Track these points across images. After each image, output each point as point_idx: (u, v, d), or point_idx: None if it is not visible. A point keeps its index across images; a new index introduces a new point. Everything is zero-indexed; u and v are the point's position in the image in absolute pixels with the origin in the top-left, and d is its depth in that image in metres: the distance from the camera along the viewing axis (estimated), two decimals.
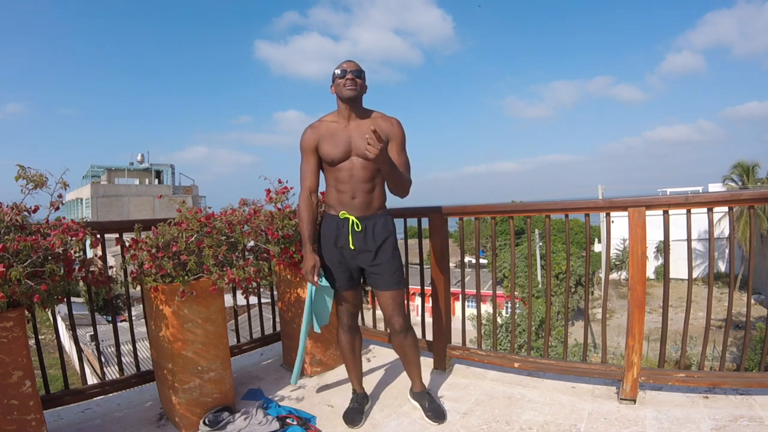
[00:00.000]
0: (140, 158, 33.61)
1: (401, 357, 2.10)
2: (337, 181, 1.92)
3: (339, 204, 1.93)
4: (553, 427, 1.89)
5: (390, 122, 1.93)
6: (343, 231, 1.92)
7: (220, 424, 1.95)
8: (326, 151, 1.89)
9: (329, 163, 1.91)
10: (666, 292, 2.15)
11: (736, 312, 13.57)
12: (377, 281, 1.97)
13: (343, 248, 1.93)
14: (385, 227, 1.95)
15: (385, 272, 1.94)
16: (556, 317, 15.25)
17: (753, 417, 1.82)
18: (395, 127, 1.92)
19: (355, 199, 1.90)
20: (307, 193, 1.96)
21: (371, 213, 1.93)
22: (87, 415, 2.13)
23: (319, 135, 1.92)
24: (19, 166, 1.69)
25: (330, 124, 1.93)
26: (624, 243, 25.65)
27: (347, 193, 1.90)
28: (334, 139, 1.89)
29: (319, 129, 1.93)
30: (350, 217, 1.90)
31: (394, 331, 2.02)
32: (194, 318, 1.98)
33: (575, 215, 2.28)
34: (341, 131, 1.90)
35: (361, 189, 1.89)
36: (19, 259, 1.55)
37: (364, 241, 1.91)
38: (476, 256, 2.64)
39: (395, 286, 1.96)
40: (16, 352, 1.60)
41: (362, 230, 1.90)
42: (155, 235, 1.96)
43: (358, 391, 2.16)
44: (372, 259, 1.93)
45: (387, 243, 1.95)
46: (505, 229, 21.82)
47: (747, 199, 2.01)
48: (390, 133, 1.90)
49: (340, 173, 1.90)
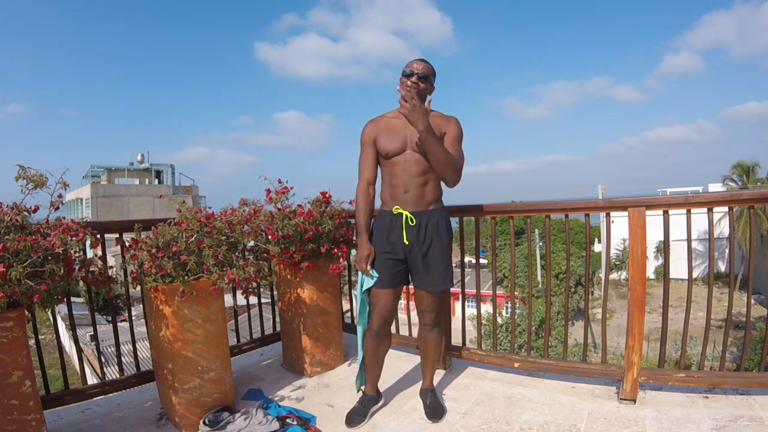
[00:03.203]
0: (140, 158, 33.60)
1: (422, 350, 2.13)
2: (391, 176, 1.95)
3: (392, 199, 1.95)
4: (553, 427, 1.89)
5: (447, 119, 1.97)
6: (396, 225, 1.93)
7: (220, 424, 1.95)
8: (383, 144, 1.94)
9: (384, 155, 1.95)
10: (666, 292, 2.15)
11: (736, 312, 13.57)
12: (423, 279, 1.95)
13: (396, 243, 1.93)
14: (439, 223, 1.95)
15: (435, 270, 1.94)
16: (556, 317, 15.25)
17: (753, 417, 1.82)
18: (451, 123, 1.96)
19: (408, 193, 1.92)
20: (365, 185, 1.99)
21: (424, 208, 1.93)
22: (87, 415, 2.13)
23: (378, 129, 1.97)
24: (19, 166, 1.69)
25: (390, 119, 1.98)
26: (624, 243, 25.66)
27: (400, 187, 1.92)
28: (392, 133, 1.93)
29: (379, 123, 1.99)
30: (403, 212, 1.91)
31: (423, 324, 2.05)
32: (194, 318, 1.98)
33: (575, 215, 2.28)
34: (400, 126, 1.94)
35: (414, 183, 1.91)
36: (19, 259, 1.55)
37: (417, 235, 1.91)
38: (476, 256, 2.64)
39: (441, 285, 1.97)
40: (16, 352, 1.60)
41: (416, 225, 1.91)
42: (155, 235, 1.96)
43: (367, 392, 2.12)
44: (424, 255, 1.92)
45: (440, 240, 1.94)
46: (505, 229, 21.81)
47: (747, 199, 2.01)
48: (445, 128, 1.94)
49: (395, 167, 1.93)
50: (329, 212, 2.51)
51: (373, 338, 2.01)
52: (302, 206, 2.50)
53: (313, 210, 2.47)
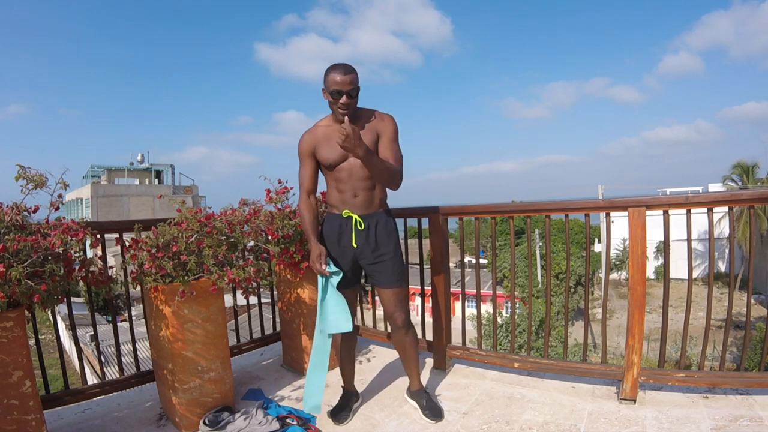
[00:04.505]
0: (140, 158, 33.59)
1: (400, 354, 2.12)
2: (338, 182, 1.94)
3: (341, 203, 1.94)
4: (553, 427, 1.89)
5: (381, 118, 1.94)
6: (346, 229, 1.94)
7: (220, 424, 1.95)
8: (324, 155, 1.92)
9: (327, 166, 1.93)
10: (666, 292, 2.15)
11: (736, 312, 13.55)
12: (379, 279, 1.98)
13: (346, 247, 1.95)
14: (387, 225, 1.97)
15: (388, 270, 1.96)
16: (556, 317, 15.25)
17: (753, 417, 1.82)
18: (386, 121, 1.93)
19: (357, 197, 1.92)
20: (306, 195, 1.99)
21: (373, 211, 1.95)
22: (87, 415, 2.13)
23: (316, 140, 1.94)
24: (19, 166, 1.69)
25: (326, 128, 1.94)
26: (624, 243, 25.64)
27: (348, 192, 1.92)
28: (330, 143, 1.89)
29: (316, 134, 1.95)
30: (353, 215, 1.92)
31: (395, 327, 2.03)
32: (194, 318, 1.98)
33: (575, 215, 2.28)
34: (336, 135, 1.91)
35: (362, 187, 1.91)
36: (19, 259, 1.55)
37: (366, 239, 1.93)
38: (476, 256, 2.64)
39: (397, 283, 1.99)
40: (16, 352, 1.60)
41: (365, 228, 1.93)
42: (155, 235, 1.96)
43: (347, 388, 2.17)
44: (374, 256, 1.95)
45: (389, 240, 1.97)
46: (505, 229, 21.81)
47: (747, 199, 2.01)
48: (380, 129, 1.91)
49: (340, 174, 1.92)
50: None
51: (344, 338, 2.07)
52: None
53: None
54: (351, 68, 1.81)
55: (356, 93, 1.82)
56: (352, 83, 1.79)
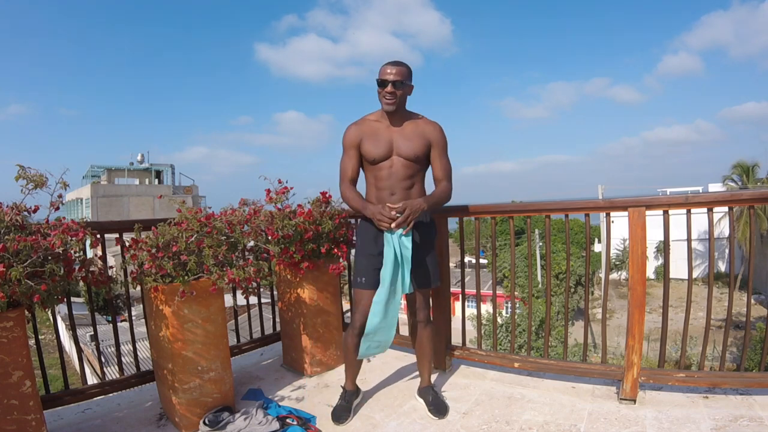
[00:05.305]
0: (140, 158, 33.60)
1: (417, 349, 2.13)
2: (377, 179, 1.95)
3: (379, 201, 1.94)
4: (553, 427, 1.89)
5: (433, 126, 1.97)
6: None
7: (220, 424, 1.95)
8: (368, 149, 1.93)
9: (370, 161, 1.94)
10: (666, 292, 2.15)
11: (736, 312, 13.55)
12: (415, 279, 1.96)
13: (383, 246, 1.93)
14: (424, 225, 1.97)
15: (423, 270, 1.98)
16: (556, 317, 15.26)
17: (753, 417, 1.82)
18: (437, 132, 1.96)
19: (394, 196, 1.92)
20: (348, 182, 1.99)
21: None
22: (87, 415, 2.13)
23: (362, 133, 1.95)
24: (19, 166, 1.69)
25: (373, 123, 1.96)
26: (624, 243, 25.65)
27: (386, 190, 1.93)
28: (376, 138, 1.92)
29: (362, 127, 1.97)
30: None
31: (417, 322, 2.06)
32: (194, 318, 1.98)
33: (575, 215, 2.28)
34: (383, 131, 1.93)
35: (400, 186, 1.92)
36: (19, 259, 1.55)
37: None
38: (476, 256, 2.64)
39: (433, 284, 2.02)
40: (16, 352, 1.60)
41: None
42: (155, 235, 1.96)
43: (349, 388, 2.16)
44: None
45: (426, 241, 1.97)
46: (505, 229, 21.81)
47: (747, 199, 2.01)
48: (430, 136, 1.95)
49: (380, 171, 1.93)
50: (329, 212, 2.51)
51: (356, 336, 2.03)
52: (302, 206, 2.50)
53: (313, 210, 2.46)
54: (401, 63, 1.89)
55: (401, 86, 1.86)
56: (398, 75, 1.86)
